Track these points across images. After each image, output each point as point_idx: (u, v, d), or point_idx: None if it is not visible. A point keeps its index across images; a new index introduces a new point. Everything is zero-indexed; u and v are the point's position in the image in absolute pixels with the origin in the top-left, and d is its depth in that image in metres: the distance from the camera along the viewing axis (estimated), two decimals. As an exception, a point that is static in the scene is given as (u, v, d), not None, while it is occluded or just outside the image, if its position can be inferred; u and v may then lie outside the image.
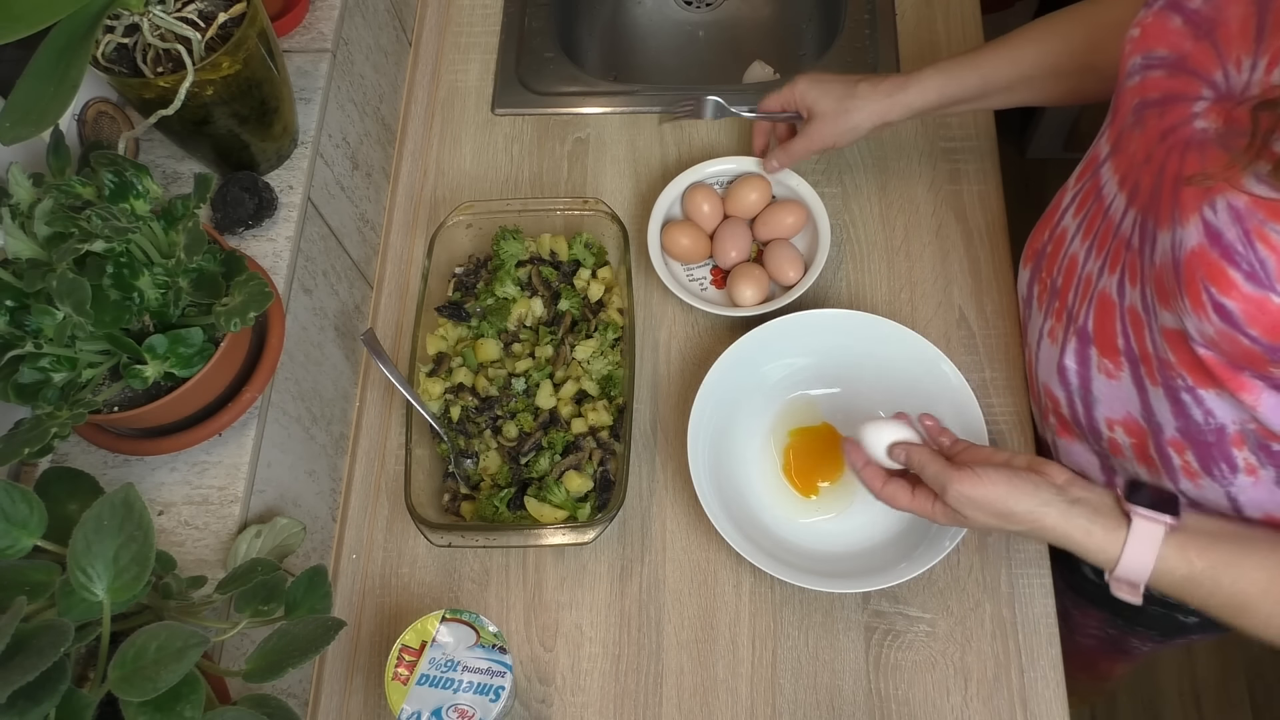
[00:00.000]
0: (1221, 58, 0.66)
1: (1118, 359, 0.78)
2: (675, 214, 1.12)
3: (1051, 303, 0.86)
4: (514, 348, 1.05)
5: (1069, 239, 0.84)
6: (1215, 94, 0.66)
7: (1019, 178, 0.96)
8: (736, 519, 0.95)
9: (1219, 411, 0.72)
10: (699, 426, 0.97)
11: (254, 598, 0.68)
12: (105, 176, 0.71)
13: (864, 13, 1.24)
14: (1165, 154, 0.69)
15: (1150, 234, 0.71)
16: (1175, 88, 0.69)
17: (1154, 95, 0.71)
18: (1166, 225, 0.68)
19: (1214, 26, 0.67)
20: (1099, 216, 0.79)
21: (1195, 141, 0.66)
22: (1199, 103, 0.67)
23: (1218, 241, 0.63)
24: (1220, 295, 0.63)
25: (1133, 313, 0.75)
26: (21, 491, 0.62)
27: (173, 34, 0.78)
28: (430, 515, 0.95)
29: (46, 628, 0.56)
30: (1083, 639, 1.19)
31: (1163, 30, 0.71)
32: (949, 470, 0.77)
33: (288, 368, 0.90)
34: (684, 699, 0.92)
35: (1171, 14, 0.70)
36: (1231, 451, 0.74)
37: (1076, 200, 0.84)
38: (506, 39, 1.27)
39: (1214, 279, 0.63)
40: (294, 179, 0.93)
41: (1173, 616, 1.00)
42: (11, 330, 0.67)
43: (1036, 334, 0.89)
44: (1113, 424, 0.82)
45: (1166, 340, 0.72)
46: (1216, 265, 0.63)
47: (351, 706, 0.95)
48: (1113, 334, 0.78)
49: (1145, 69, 0.72)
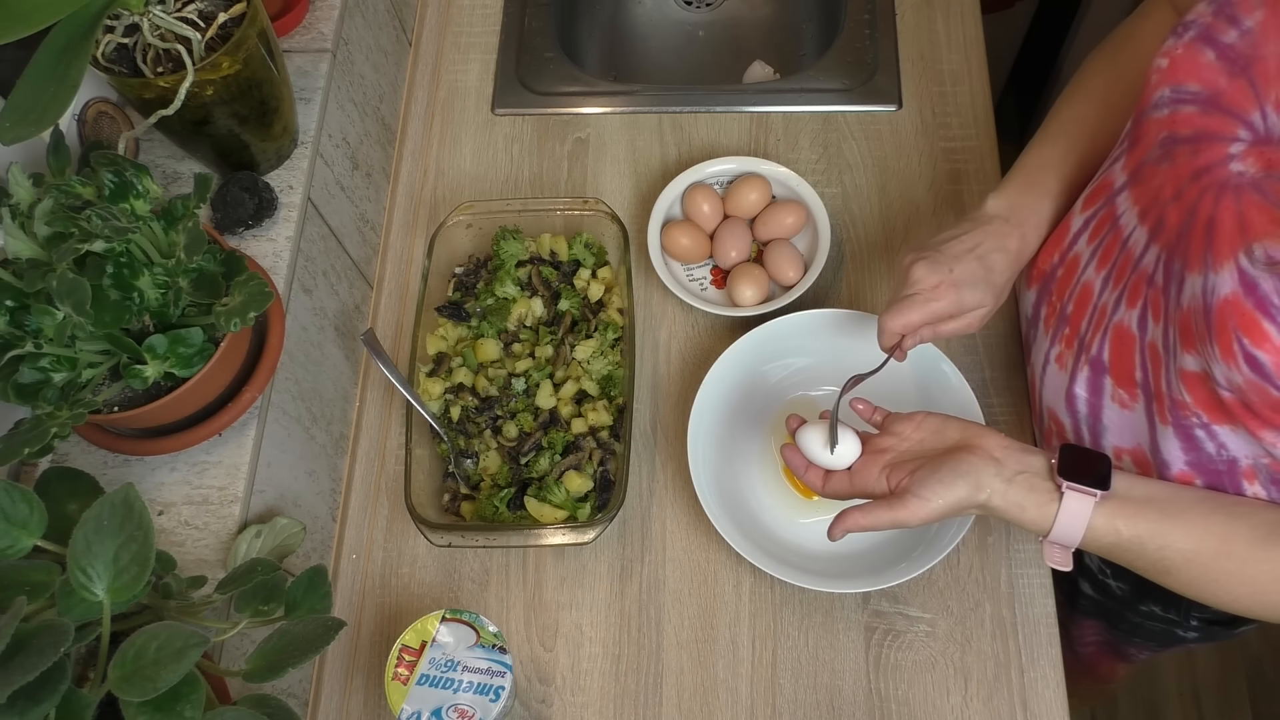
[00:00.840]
0: (1260, 97, 0.64)
1: (1134, 390, 0.77)
2: (675, 214, 1.12)
3: (1060, 328, 0.84)
4: (514, 348, 1.05)
5: (1082, 266, 0.81)
6: (1253, 136, 0.64)
7: (1019, 178, 0.96)
8: (736, 519, 0.95)
9: (1232, 446, 0.72)
10: (699, 426, 0.97)
11: (254, 598, 0.68)
12: (105, 176, 0.71)
13: (864, 13, 1.24)
14: (1198, 195, 0.67)
15: (1177, 274, 0.69)
16: (1209, 126, 0.67)
17: (1185, 132, 0.69)
18: (1197, 269, 0.66)
19: (1250, 64, 0.65)
20: (1116, 247, 0.77)
21: (1232, 185, 0.65)
22: (1235, 144, 0.65)
23: (1253, 292, 0.61)
24: (1253, 347, 0.62)
25: (1153, 349, 0.74)
26: (21, 491, 0.62)
27: (173, 34, 0.78)
28: (430, 515, 0.95)
29: (46, 628, 0.56)
30: (1082, 649, 1.19)
31: (1194, 64, 0.68)
32: (897, 514, 0.77)
33: (288, 368, 0.90)
34: (684, 699, 0.92)
35: (1204, 47, 0.68)
36: (1241, 483, 0.73)
37: (1090, 227, 0.81)
38: (506, 39, 1.27)
39: (1247, 330, 0.62)
40: (294, 179, 0.93)
41: (1171, 631, 1.00)
42: (11, 330, 0.67)
43: (1042, 358, 0.88)
44: (1120, 453, 0.81)
45: (1183, 382, 0.71)
46: (1250, 316, 0.61)
47: (351, 706, 0.95)
48: (1131, 366, 0.77)
49: (1175, 103, 0.69)
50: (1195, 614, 0.96)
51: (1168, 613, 0.97)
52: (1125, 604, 1.00)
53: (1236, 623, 0.96)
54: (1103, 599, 1.03)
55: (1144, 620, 1.01)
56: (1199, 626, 0.98)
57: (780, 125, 1.19)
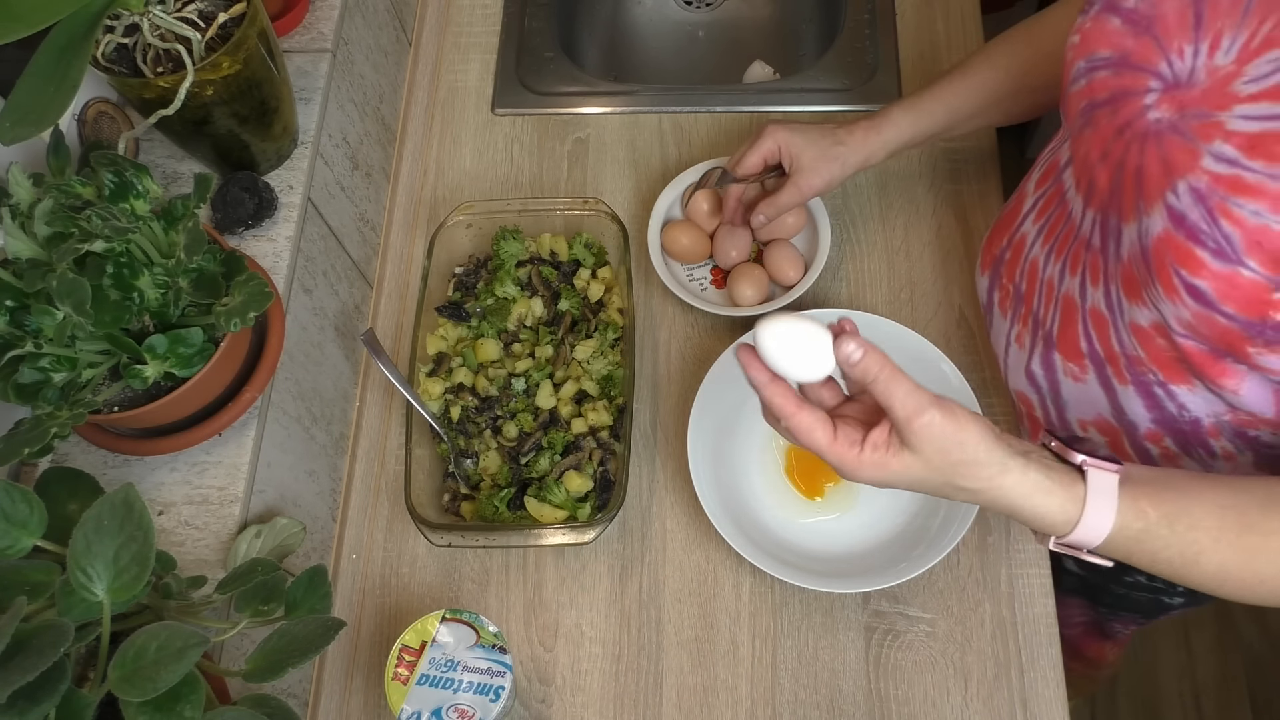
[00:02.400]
0: (1164, 49, 0.67)
1: (1082, 362, 0.78)
2: (675, 214, 1.12)
3: (1018, 308, 0.86)
4: (514, 348, 1.05)
5: (1029, 244, 0.84)
6: (1163, 84, 0.67)
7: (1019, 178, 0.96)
8: (736, 519, 0.95)
9: (1192, 406, 0.73)
10: (699, 426, 0.97)
11: (254, 598, 0.68)
12: (105, 176, 0.71)
13: (864, 13, 1.24)
14: (1124, 149, 0.70)
15: (1114, 230, 0.71)
16: (1123, 84, 0.70)
17: (1102, 95, 0.72)
18: (1131, 218, 0.69)
19: (1152, 22, 0.68)
20: (1061, 220, 0.80)
21: (1152, 132, 0.67)
22: (1149, 95, 0.68)
23: (1182, 224, 0.63)
24: (1191, 276, 0.63)
25: (1095, 314, 0.75)
26: (21, 491, 0.62)
27: (173, 34, 0.78)
28: (430, 515, 0.95)
29: (46, 628, 0.56)
30: (1068, 631, 1.19)
31: (1102, 32, 0.71)
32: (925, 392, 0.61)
33: (288, 368, 0.90)
34: (684, 699, 0.92)
35: (1109, 15, 0.71)
36: (1208, 440, 0.75)
37: (1038, 205, 0.84)
38: (506, 39, 1.27)
39: (1183, 261, 0.63)
40: (294, 179, 0.93)
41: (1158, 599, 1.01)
42: (11, 330, 0.67)
43: (1004, 340, 0.90)
44: (1085, 425, 0.82)
45: (1136, 337, 0.72)
46: (1184, 247, 0.63)
47: (351, 706, 0.95)
48: (1075, 337, 0.78)
49: (1090, 71, 0.73)
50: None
51: (1153, 580, 0.98)
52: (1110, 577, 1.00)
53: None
54: (1087, 574, 1.03)
55: (1129, 591, 1.01)
56: (1184, 591, 0.98)
57: (780, 125, 1.19)
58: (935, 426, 0.61)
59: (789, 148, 0.98)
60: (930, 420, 0.61)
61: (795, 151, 0.98)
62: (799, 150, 0.98)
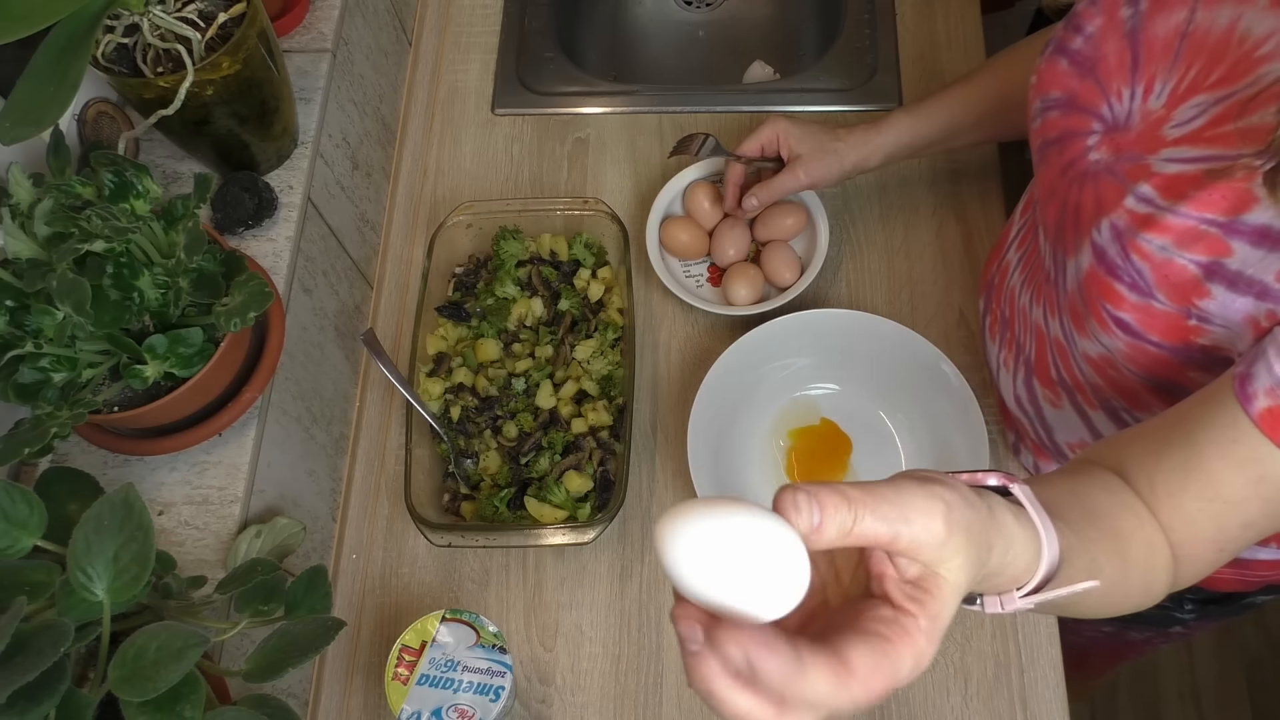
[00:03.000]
0: (1105, 92, 0.70)
1: (1055, 389, 0.81)
2: (675, 212, 1.12)
3: (1004, 333, 0.89)
4: (514, 348, 1.05)
5: (1010, 271, 0.87)
6: (1104, 126, 0.70)
7: (1019, 178, 0.96)
8: (736, 519, 0.94)
9: None
10: (699, 426, 0.97)
11: (254, 598, 0.68)
12: (105, 176, 0.71)
13: (864, 13, 1.24)
14: (1067, 187, 0.73)
15: (1061, 264, 0.74)
16: (1069, 125, 0.73)
17: (1053, 134, 0.75)
18: (1071, 253, 0.72)
19: (1095, 64, 0.70)
20: (1035, 251, 0.82)
21: (1091, 172, 0.70)
22: (1091, 136, 0.71)
23: (1103, 259, 0.66)
24: (1114, 309, 0.66)
25: (1057, 344, 0.78)
26: (21, 491, 0.62)
27: (173, 34, 0.78)
28: (430, 515, 0.95)
29: (46, 628, 0.56)
30: (1075, 638, 1.19)
31: (1054, 73, 0.74)
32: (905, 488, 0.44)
33: (288, 368, 0.90)
34: (684, 699, 0.92)
35: (1059, 57, 0.74)
36: None
37: (1020, 234, 0.87)
38: (506, 39, 1.27)
39: (1106, 295, 0.66)
40: (294, 179, 0.93)
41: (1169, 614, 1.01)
42: (11, 330, 0.67)
43: (994, 363, 0.92)
44: (1073, 447, 0.84)
45: (1091, 366, 0.74)
46: (1105, 282, 0.66)
47: (351, 706, 0.95)
48: (1046, 365, 0.81)
49: (1044, 111, 0.76)
50: (1189, 595, 0.96)
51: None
52: None
53: (1230, 600, 0.96)
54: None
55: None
56: (1194, 608, 0.98)
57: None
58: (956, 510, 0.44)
59: (787, 138, 1.00)
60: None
61: (793, 142, 1.00)
62: (797, 141, 1.00)
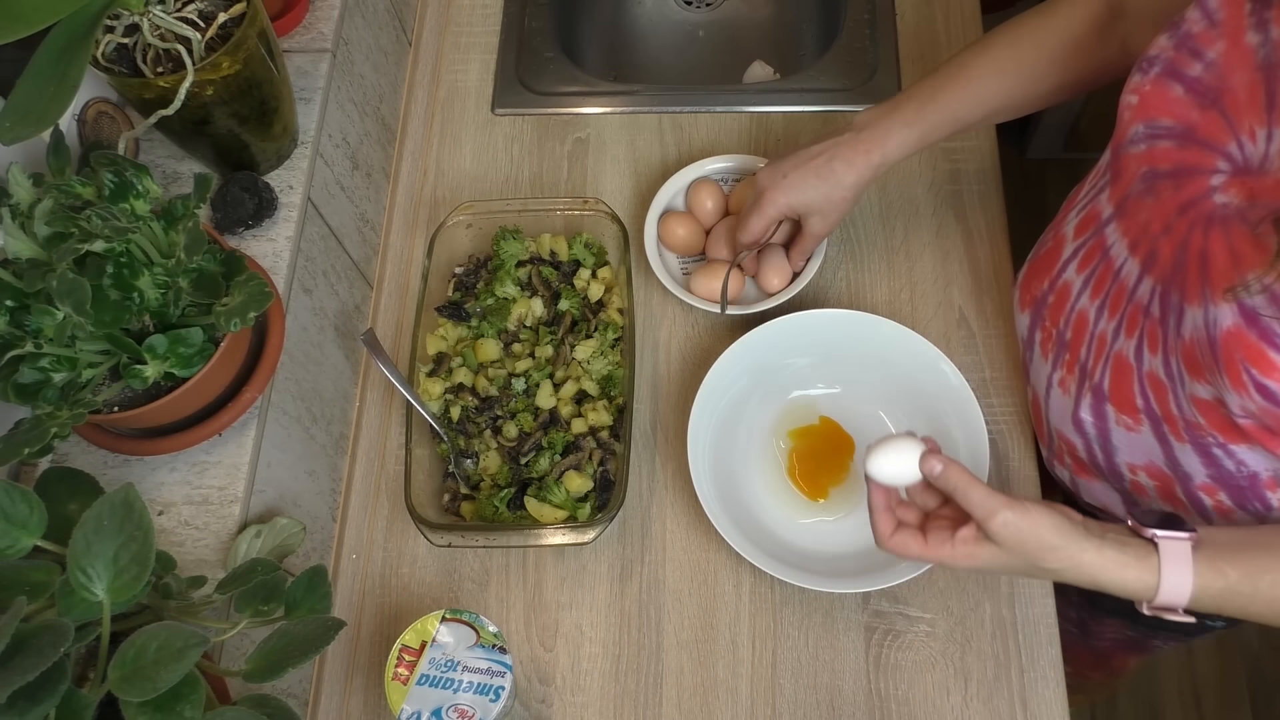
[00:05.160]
0: (1233, 128, 0.65)
1: (1137, 416, 0.78)
2: (675, 207, 1.12)
3: (1061, 354, 0.85)
4: (514, 348, 1.05)
5: (1075, 294, 0.82)
6: (1232, 166, 0.65)
7: (1019, 178, 0.96)
8: (736, 519, 0.95)
9: (1251, 462, 0.72)
10: (699, 426, 0.97)
11: (254, 598, 0.68)
12: (105, 176, 0.71)
13: (864, 13, 1.24)
14: (1187, 229, 0.68)
15: (1175, 307, 0.70)
16: (1188, 160, 0.68)
17: (1165, 167, 0.69)
18: (1196, 301, 0.67)
19: (1219, 95, 0.65)
20: (1109, 278, 0.78)
21: (1218, 217, 0.65)
22: (1216, 175, 0.66)
23: (1255, 324, 0.62)
24: (1262, 377, 0.62)
25: (1153, 378, 0.74)
26: (21, 491, 0.62)
27: (173, 34, 0.78)
28: (430, 515, 0.95)
29: (46, 628, 0.56)
30: (1099, 642, 1.19)
31: (1164, 99, 0.69)
32: (997, 494, 0.69)
33: (288, 368, 0.90)
34: (684, 699, 0.92)
35: (1171, 82, 0.68)
36: (1265, 494, 0.74)
37: (1080, 256, 0.82)
38: (506, 39, 1.27)
39: (1255, 361, 0.62)
40: (294, 179, 0.93)
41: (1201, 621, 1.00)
42: (11, 330, 0.67)
43: (1044, 382, 0.88)
44: (1135, 469, 0.81)
45: (1196, 407, 0.71)
46: (1256, 347, 0.62)
47: (351, 706, 0.95)
48: (1131, 395, 0.77)
49: (1150, 138, 0.70)
50: None
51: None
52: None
53: None
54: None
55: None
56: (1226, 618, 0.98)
57: (780, 125, 1.19)
58: (1010, 526, 0.68)
59: (792, 204, 0.95)
60: (1004, 520, 0.68)
61: (796, 204, 0.96)
62: (798, 201, 0.95)
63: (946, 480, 0.71)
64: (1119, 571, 0.68)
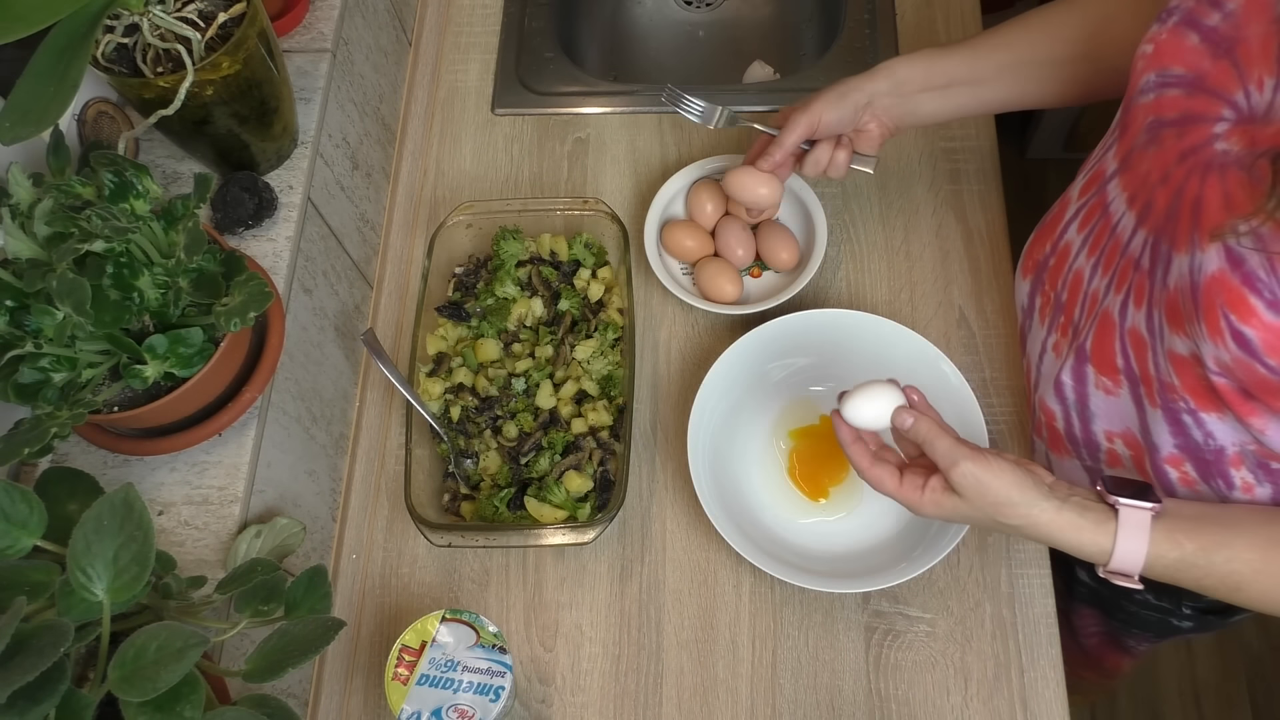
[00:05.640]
0: (1243, 77, 0.64)
1: (1116, 377, 0.78)
2: (673, 211, 1.12)
3: (1056, 317, 0.85)
4: (514, 348, 1.05)
5: (1073, 253, 0.82)
6: (1237, 115, 0.65)
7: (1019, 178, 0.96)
8: (736, 519, 0.95)
9: (1219, 434, 0.72)
10: (699, 426, 0.97)
11: (254, 598, 0.68)
12: (105, 176, 0.71)
13: (864, 13, 1.24)
14: (1184, 176, 0.68)
15: (1164, 256, 0.70)
16: (1194, 107, 0.67)
17: (1171, 115, 0.69)
18: (1184, 249, 0.67)
19: (1233, 45, 0.65)
20: (1106, 233, 0.78)
21: (1216, 164, 0.65)
22: (1220, 124, 0.66)
23: (1239, 267, 0.62)
24: (1240, 323, 0.62)
25: (1134, 334, 0.75)
26: (21, 491, 0.62)
27: (173, 34, 0.78)
28: (430, 515, 0.95)
29: (46, 628, 0.56)
30: (1085, 640, 1.19)
31: (1179, 48, 0.69)
32: (961, 446, 0.73)
33: (288, 368, 0.90)
34: (684, 699, 0.92)
35: (1188, 31, 0.68)
36: (1229, 470, 0.74)
37: (1081, 214, 0.82)
38: (506, 39, 1.27)
39: (1234, 306, 0.62)
40: (294, 179, 0.93)
41: (1167, 621, 1.00)
42: (11, 330, 0.67)
43: (1039, 347, 0.88)
44: (1112, 436, 0.82)
45: (1173, 364, 0.71)
46: (1237, 291, 0.62)
47: (351, 706, 0.95)
48: (1111, 353, 0.77)
49: (1160, 87, 0.70)
50: (1188, 603, 0.96)
51: (1160, 600, 0.97)
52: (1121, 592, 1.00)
53: (1231, 611, 0.96)
54: (1098, 586, 1.02)
55: (1139, 609, 1.01)
56: (1193, 615, 0.98)
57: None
58: (970, 476, 0.72)
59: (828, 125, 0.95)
60: (965, 471, 0.72)
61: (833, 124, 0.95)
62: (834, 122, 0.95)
63: (917, 433, 0.75)
64: (1074, 534, 0.71)
